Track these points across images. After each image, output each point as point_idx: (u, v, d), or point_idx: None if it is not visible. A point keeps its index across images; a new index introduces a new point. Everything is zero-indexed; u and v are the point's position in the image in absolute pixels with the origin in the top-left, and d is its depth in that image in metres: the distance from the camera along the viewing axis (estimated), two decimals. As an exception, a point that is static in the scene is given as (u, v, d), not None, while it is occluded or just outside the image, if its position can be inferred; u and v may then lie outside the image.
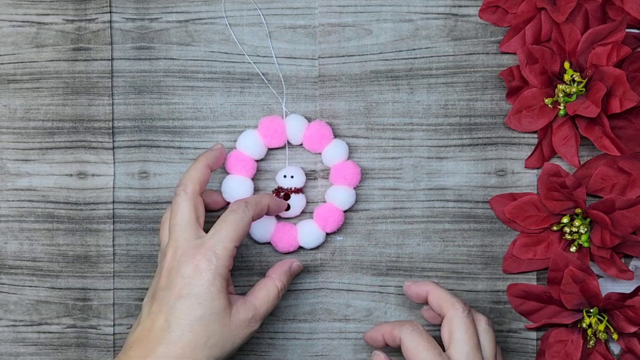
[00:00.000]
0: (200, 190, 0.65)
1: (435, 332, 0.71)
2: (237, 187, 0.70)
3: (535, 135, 0.72)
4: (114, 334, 0.73)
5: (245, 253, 0.73)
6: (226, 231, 0.62)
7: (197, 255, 0.61)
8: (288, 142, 0.72)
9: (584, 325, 0.70)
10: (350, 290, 0.73)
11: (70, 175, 0.73)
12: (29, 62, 0.73)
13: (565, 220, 0.71)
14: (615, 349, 0.72)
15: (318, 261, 0.73)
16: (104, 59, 0.73)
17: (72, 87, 0.73)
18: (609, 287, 0.72)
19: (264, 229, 0.71)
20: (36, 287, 0.73)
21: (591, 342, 0.70)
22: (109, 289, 0.73)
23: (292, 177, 0.71)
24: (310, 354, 0.73)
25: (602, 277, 0.72)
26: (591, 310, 0.71)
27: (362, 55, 0.72)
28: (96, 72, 0.73)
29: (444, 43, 0.72)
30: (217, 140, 0.72)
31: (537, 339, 0.73)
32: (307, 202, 0.72)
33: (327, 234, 0.72)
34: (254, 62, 0.72)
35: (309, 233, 0.71)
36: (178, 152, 0.73)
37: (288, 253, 0.72)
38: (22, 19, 0.73)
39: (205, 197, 0.68)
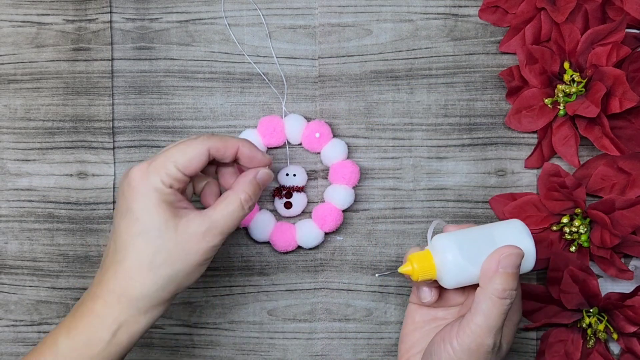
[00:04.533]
0: (215, 155, 0.61)
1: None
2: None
3: (535, 135, 0.72)
4: (114, 333, 0.73)
5: (244, 253, 0.73)
6: (172, 153, 0.59)
7: (134, 172, 0.58)
8: (288, 142, 0.72)
9: (584, 325, 0.70)
10: (350, 290, 0.73)
11: (71, 175, 0.73)
12: (29, 62, 0.73)
13: (565, 220, 0.71)
14: (615, 348, 0.72)
15: (318, 261, 0.73)
16: (104, 59, 0.73)
17: (72, 87, 0.73)
18: (608, 287, 0.72)
19: (263, 228, 0.71)
20: (36, 287, 0.73)
21: (591, 342, 0.70)
22: (109, 289, 0.73)
23: (294, 175, 0.71)
24: (310, 354, 0.73)
25: (602, 277, 0.72)
26: (591, 310, 0.71)
27: (362, 55, 0.72)
28: (96, 72, 0.73)
29: (444, 43, 0.72)
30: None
31: (537, 339, 0.73)
32: (307, 202, 0.72)
33: (327, 234, 0.72)
34: (254, 62, 0.72)
35: (307, 232, 0.71)
36: (178, 152, 0.73)
37: (287, 253, 0.73)
38: (22, 19, 0.73)
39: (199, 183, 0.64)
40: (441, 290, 0.63)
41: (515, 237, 0.61)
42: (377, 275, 0.69)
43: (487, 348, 0.58)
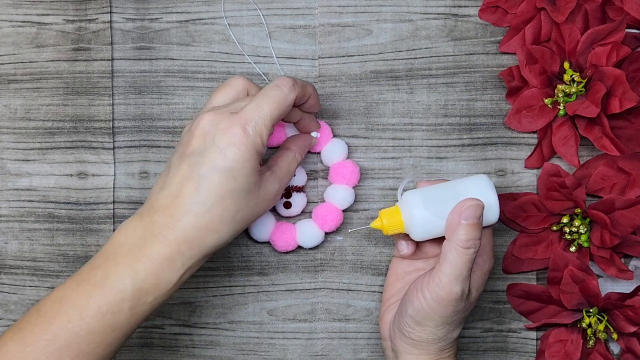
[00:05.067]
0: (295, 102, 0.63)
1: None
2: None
3: (535, 135, 0.72)
4: (114, 333, 0.73)
5: (244, 252, 0.73)
6: (268, 108, 0.60)
7: (235, 127, 0.59)
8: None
9: (584, 325, 0.70)
10: (350, 290, 0.73)
11: (71, 175, 0.73)
12: (29, 62, 0.73)
13: (565, 220, 0.71)
14: (615, 348, 0.72)
15: (318, 261, 0.73)
16: (104, 59, 0.73)
17: (72, 87, 0.73)
18: (608, 287, 0.72)
19: (263, 228, 0.71)
20: (36, 287, 0.73)
21: (591, 342, 0.70)
22: (109, 289, 0.73)
23: (294, 175, 0.71)
24: (310, 354, 0.73)
25: (601, 277, 0.72)
26: (591, 310, 0.71)
27: (362, 55, 0.72)
28: (96, 72, 0.73)
29: (444, 43, 0.72)
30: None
31: (537, 339, 0.73)
32: (307, 202, 0.72)
33: (327, 234, 0.72)
34: (254, 62, 0.72)
35: (307, 232, 0.71)
36: (178, 152, 0.73)
37: (287, 252, 0.73)
38: (22, 19, 0.73)
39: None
40: (418, 243, 0.67)
41: (478, 190, 0.64)
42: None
43: (456, 296, 0.61)
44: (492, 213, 0.64)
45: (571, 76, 0.69)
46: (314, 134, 0.70)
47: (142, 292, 0.59)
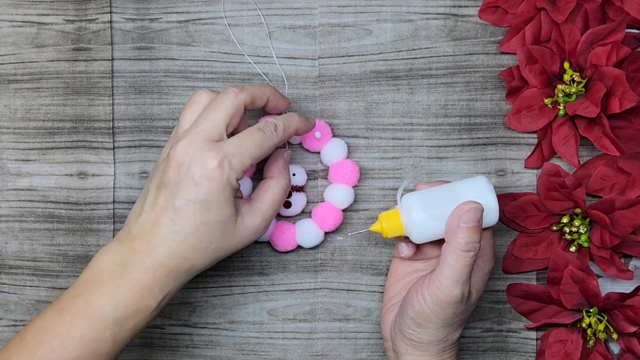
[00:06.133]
0: (249, 106, 0.64)
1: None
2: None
3: (535, 135, 0.72)
4: (114, 333, 0.73)
5: (244, 252, 0.73)
6: (248, 147, 0.61)
7: (210, 160, 0.60)
8: (288, 142, 0.72)
9: (584, 325, 0.70)
10: (350, 290, 0.73)
11: (71, 175, 0.73)
12: (29, 62, 0.73)
13: (565, 220, 0.71)
14: (615, 348, 0.72)
15: (318, 261, 0.73)
16: (104, 59, 0.73)
17: (72, 87, 0.73)
18: (608, 287, 0.72)
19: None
20: (37, 287, 0.73)
21: (591, 342, 0.70)
22: (109, 289, 0.73)
23: (294, 174, 0.71)
24: (310, 354, 0.73)
25: (601, 277, 0.72)
26: (591, 310, 0.71)
27: (362, 55, 0.72)
28: (96, 72, 0.73)
29: (443, 43, 0.72)
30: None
31: (537, 339, 0.73)
32: (307, 202, 0.72)
33: (326, 233, 0.72)
34: (254, 62, 0.72)
35: (307, 232, 0.71)
36: (178, 152, 0.73)
37: (287, 252, 0.73)
38: (22, 19, 0.73)
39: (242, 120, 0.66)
40: (418, 244, 0.67)
41: (477, 192, 0.64)
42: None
43: (456, 298, 0.61)
44: (491, 214, 0.64)
45: (571, 76, 0.69)
46: (316, 134, 0.70)
47: (124, 319, 0.60)
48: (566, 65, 0.70)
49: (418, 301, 0.63)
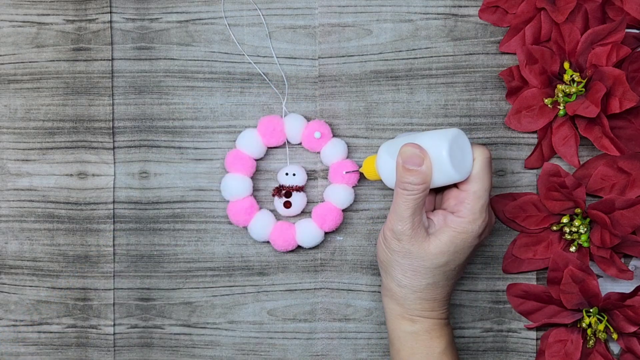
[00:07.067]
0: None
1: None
2: (236, 185, 0.70)
3: (535, 135, 0.72)
4: (114, 333, 0.73)
5: (244, 253, 0.73)
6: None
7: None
8: (288, 142, 0.72)
9: (584, 325, 0.70)
10: (350, 290, 0.73)
11: (71, 175, 0.73)
12: (30, 62, 0.73)
13: (565, 220, 0.71)
14: (615, 348, 0.72)
15: (318, 261, 0.73)
16: (104, 59, 0.73)
17: (72, 87, 0.73)
18: (608, 287, 0.72)
19: (263, 228, 0.71)
20: (36, 287, 0.73)
21: (591, 342, 0.70)
22: (109, 289, 0.73)
23: (294, 174, 0.71)
24: (310, 354, 0.73)
25: (602, 277, 0.72)
26: (591, 310, 0.71)
27: (362, 55, 0.72)
28: (96, 72, 0.73)
29: (444, 43, 0.72)
30: (217, 140, 0.72)
31: (537, 339, 0.73)
32: (307, 202, 0.72)
33: (326, 233, 0.72)
34: (254, 62, 0.72)
35: (307, 232, 0.71)
36: (178, 152, 0.73)
37: (287, 252, 0.73)
38: (22, 19, 0.73)
39: None
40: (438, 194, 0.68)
41: (435, 142, 0.63)
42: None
43: (393, 234, 0.64)
44: (445, 168, 0.62)
45: (571, 76, 0.69)
46: (316, 134, 0.70)
47: None
48: (566, 65, 0.70)
49: (378, 241, 0.66)
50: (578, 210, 0.70)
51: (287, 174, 0.71)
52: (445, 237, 0.63)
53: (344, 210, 0.72)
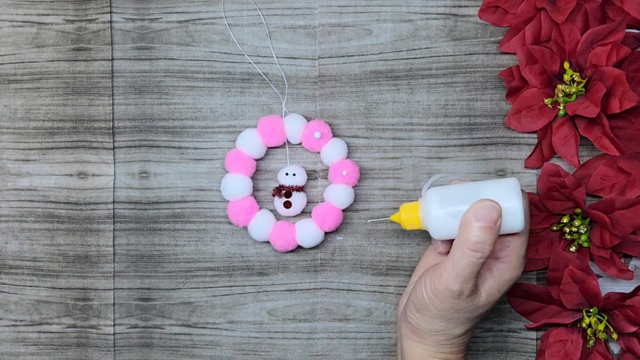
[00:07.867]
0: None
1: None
2: (236, 185, 0.70)
3: (535, 135, 0.72)
4: (114, 333, 0.73)
5: (244, 253, 0.73)
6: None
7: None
8: (288, 142, 0.72)
9: (584, 325, 0.70)
10: (350, 290, 0.73)
11: (71, 175, 0.73)
12: (29, 62, 0.73)
13: (565, 220, 0.71)
14: (615, 348, 0.72)
15: (318, 261, 0.73)
16: (104, 59, 0.73)
17: (72, 87, 0.73)
18: (608, 287, 0.72)
19: (263, 228, 0.71)
20: (36, 287, 0.73)
21: (591, 342, 0.70)
22: (109, 289, 0.73)
23: (294, 174, 0.71)
24: (310, 354, 0.73)
25: (602, 277, 0.72)
26: (591, 310, 0.71)
27: (362, 55, 0.72)
28: (96, 72, 0.73)
29: (443, 43, 0.72)
30: (217, 140, 0.72)
31: (537, 339, 0.73)
32: (307, 202, 0.72)
33: (326, 233, 0.72)
34: (254, 62, 0.72)
35: (307, 232, 0.71)
36: (178, 152, 0.73)
37: (287, 252, 0.73)
38: (22, 19, 0.73)
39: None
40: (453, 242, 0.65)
41: (501, 194, 0.61)
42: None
43: (452, 293, 0.61)
44: (514, 219, 0.61)
45: (571, 76, 0.69)
46: (316, 134, 0.70)
47: None
48: (566, 65, 0.70)
49: (420, 286, 0.63)
50: (578, 210, 0.70)
51: (287, 174, 0.71)
52: (494, 287, 0.62)
53: (344, 210, 0.72)
